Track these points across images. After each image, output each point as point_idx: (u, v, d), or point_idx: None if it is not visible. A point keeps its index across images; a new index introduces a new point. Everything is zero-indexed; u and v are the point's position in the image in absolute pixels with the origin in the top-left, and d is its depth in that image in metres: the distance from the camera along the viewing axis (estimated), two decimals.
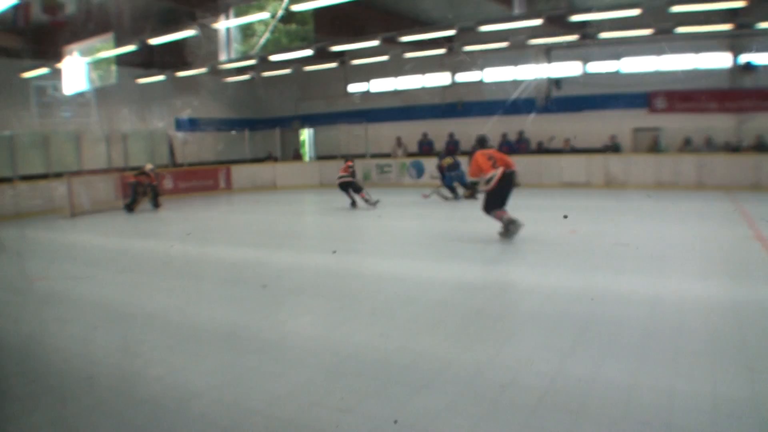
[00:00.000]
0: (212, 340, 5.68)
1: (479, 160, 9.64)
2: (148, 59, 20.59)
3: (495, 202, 9.56)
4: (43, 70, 18.50)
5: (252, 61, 19.66)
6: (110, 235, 13.95)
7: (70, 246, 12.39)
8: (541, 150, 20.11)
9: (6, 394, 4.56)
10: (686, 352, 4.73)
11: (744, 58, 17.73)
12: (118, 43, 16.68)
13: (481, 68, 21.70)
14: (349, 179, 15.48)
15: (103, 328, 6.17)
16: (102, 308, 7.06)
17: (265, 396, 4.23)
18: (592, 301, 6.20)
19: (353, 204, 15.49)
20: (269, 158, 25.41)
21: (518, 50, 19.96)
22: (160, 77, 21.59)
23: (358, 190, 15.45)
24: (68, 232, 14.38)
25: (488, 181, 9.53)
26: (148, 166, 17.68)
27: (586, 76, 20.01)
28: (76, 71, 18.82)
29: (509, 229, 9.52)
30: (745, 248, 8.73)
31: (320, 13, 15.92)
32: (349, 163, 15.81)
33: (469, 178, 10.27)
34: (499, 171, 9.45)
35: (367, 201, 15.22)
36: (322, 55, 20.11)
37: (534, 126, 20.06)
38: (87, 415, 4.13)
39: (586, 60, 19.94)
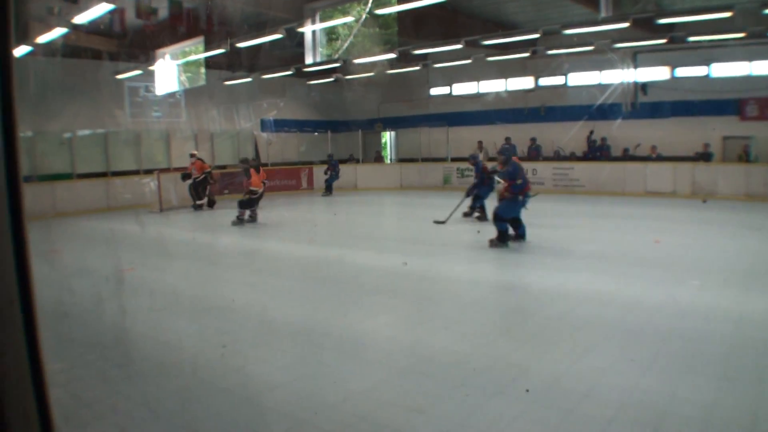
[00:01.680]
0: (290, 335, 5.83)
1: (254, 177, 14.03)
2: (236, 62, 21.20)
3: (249, 205, 14.11)
4: (136, 72, 19.34)
5: (336, 64, 19.92)
6: (196, 230, 14.47)
7: (159, 239, 12.92)
8: (626, 157, 19.60)
9: (100, 376, 4.82)
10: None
11: None
12: (207, 46, 17.23)
13: (565, 72, 21.32)
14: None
15: (189, 319, 6.46)
16: (189, 299, 7.37)
17: (341, 392, 4.32)
18: (674, 314, 6.01)
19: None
20: (351, 160, 25.68)
21: (604, 54, 19.50)
22: (247, 79, 22.17)
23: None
24: (158, 225, 15.01)
25: (254, 192, 14.03)
26: (195, 153, 18.08)
27: (674, 81, 19.29)
28: (167, 73, 19.62)
29: (238, 220, 13.99)
30: None
31: (403, 16, 16.00)
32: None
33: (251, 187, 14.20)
34: (263, 187, 14.30)
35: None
36: (404, 58, 20.17)
37: (619, 132, 19.57)
38: (172, 400, 4.33)
39: (674, 64, 19.23)
